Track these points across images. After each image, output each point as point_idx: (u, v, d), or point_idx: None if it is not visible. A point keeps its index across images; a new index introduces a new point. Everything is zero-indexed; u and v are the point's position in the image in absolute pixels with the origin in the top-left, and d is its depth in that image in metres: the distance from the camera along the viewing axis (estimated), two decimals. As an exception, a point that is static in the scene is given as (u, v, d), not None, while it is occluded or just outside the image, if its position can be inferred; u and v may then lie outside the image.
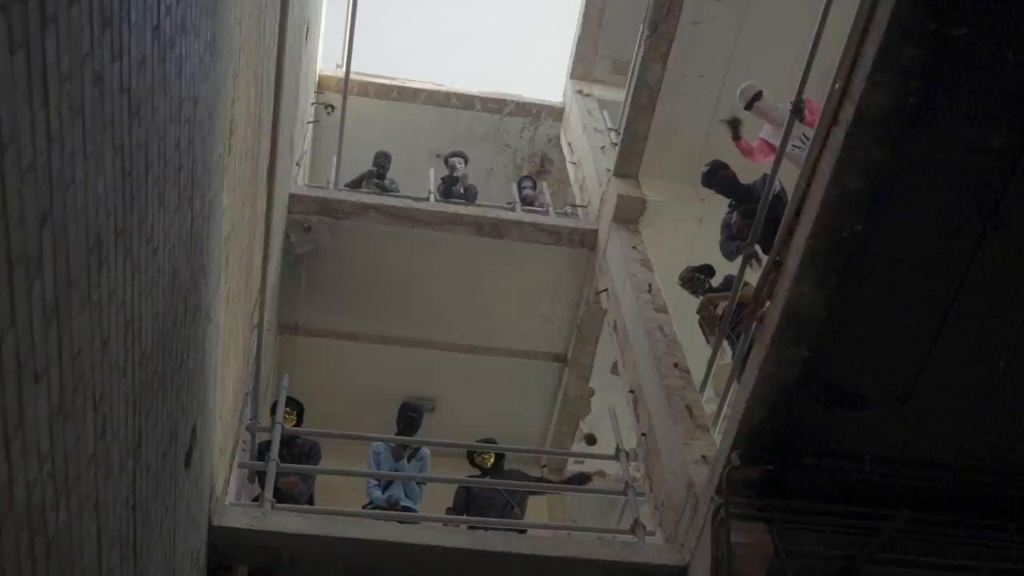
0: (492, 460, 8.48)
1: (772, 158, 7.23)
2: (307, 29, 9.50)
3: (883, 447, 5.67)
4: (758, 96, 7.66)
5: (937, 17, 4.37)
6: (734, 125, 7.69)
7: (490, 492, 8.05)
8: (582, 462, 11.63)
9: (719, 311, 7.22)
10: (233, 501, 6.63)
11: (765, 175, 7.38)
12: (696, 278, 7.74)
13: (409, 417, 8.84)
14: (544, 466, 11.64)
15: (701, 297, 7.71)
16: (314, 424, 9.76)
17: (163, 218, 3.23)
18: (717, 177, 8.10)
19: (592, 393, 11.08)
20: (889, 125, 4.61)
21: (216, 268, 4.70)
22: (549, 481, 10.20)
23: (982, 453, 5.76)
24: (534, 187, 12.49)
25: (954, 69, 4.53)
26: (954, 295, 5.16)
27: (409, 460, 8.46)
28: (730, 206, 7.86)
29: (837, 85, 4.76)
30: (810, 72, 6.10)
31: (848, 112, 4.64)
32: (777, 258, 5.30)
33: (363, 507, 8.11)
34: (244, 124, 5.23)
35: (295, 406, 8.44)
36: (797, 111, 6.21)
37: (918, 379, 5.43)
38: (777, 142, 6.87)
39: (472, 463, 8.57)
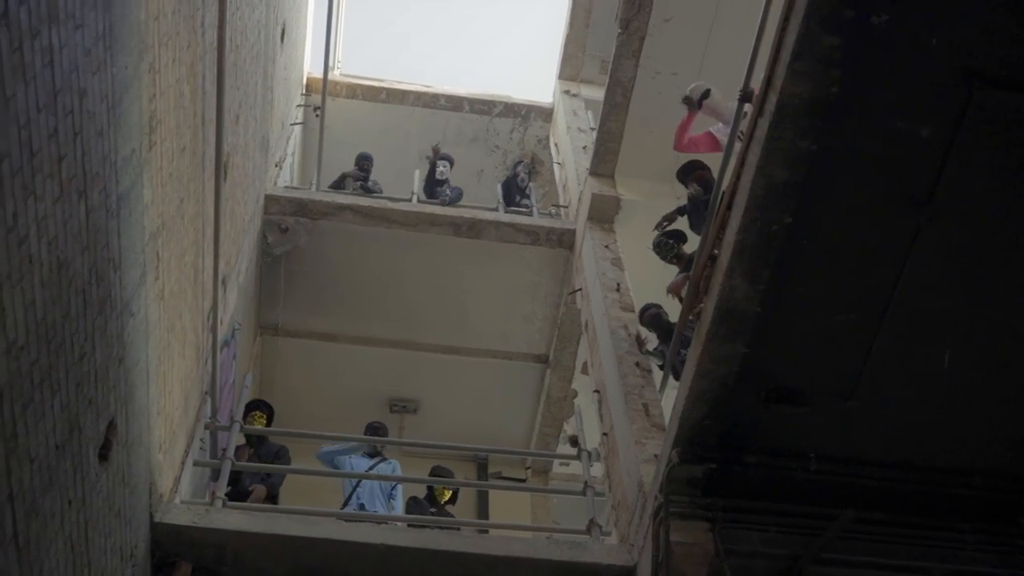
0: (448, 495, 8.31)
1: (715, 151, 7.24)
2: (283, 30, 9.51)
3: (828, 445, 5.58)
4: (706, 95, 7.61)
5: (856, 4, 4.29)
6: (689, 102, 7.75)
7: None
8: (567, 464, 11.58)
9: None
10: (187, 499, 6.63)
11: None
12: (665, 243, 7.68)
13: (374, 428, 8.83)
14: (528, 468, 11.61)
15: (673, 261, 7.67)
16: (296, 425, 9.79)
17: (34, 208, 3.23)
18: (693, 176, 8.04)
19: (575, 394, 10.99)
20: (813, 115, 4.53)
21: (138, 263, 4.70)
22: (521, 480, 10.11)
23: (930, 451, 5.65)
24: (529, 172, 12.39)
25: (877, 57, 4.44)
26: (892, 289, 5.06)
27: (378, 464, 8.41)
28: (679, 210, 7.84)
29: (763, 75, 4.71)
30: (756, 61, 5.98)
31: (772, 102, 4.57)
32: (713, 252, 5.24)
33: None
34: (176, 121, 5.23)
35: (266, 408, 8.44)
36: (745, 98, 6.12)
37: (860, 375, 5.33)
38: (726, 138, 6.82)
39: (430, 494, 8.37)
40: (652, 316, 7.94)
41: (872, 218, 4.90)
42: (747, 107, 6.19)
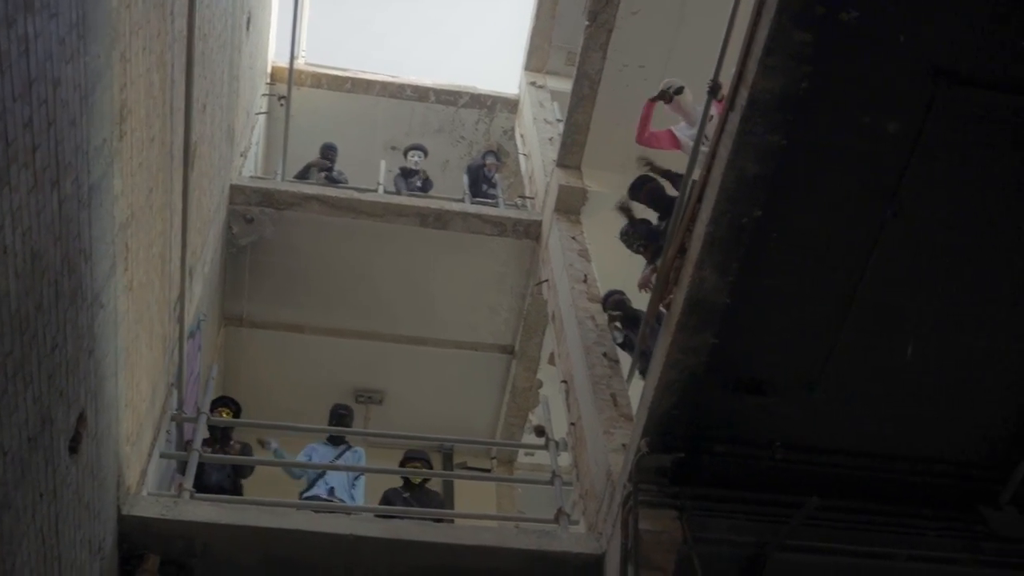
0: (419, 478, 8.28)
1: (674, 148, 7.32)
2: (248, 19, 9.43)
3: (793, 434, 5.68)
4: (679, 91, 7.66)
5: (826, 1, 4.36)
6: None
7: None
8: (532, 454, 11.63)
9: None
10: (154, 491, 6.59)
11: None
12: (632, 232, 7.72)
13: (340, 415, 8.75)
14: (494, 458, 11.64)
15: (639, 250, 7.69)
16: (261, 416, 9.74)
17: (9, 199, 3.19)
18: (643, 190, 8.04)
19: (540, 385, 11.05)
20: (784, 110, 4.60)
21: (108, 254, 4.66)
22: (486, 470, 10.13)
23: (893, 440, 5.77)
24: (498, 159, 12.29)
25: (846, 54, 4.52)
26: (857, 282, 5.15)
27: (343, 453, 8.38)
28: (659, 220, 7.85)
29: (734, 70, 4.76)
30: (725, 54, 6.02)
31: (743, 96, 4.63)
32: (683, 244, 5.30)
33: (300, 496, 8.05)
34: (146, 110, 5.19)
35: (232, 405, 8.34)
36: (713, 91, 6.16)
37: (825, 366, 5.43)
38: (688, 139, 6.89)
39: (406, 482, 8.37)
40: (616, 302, 7.99)
41: (839, 212, 4.99)
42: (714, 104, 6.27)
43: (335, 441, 8.48)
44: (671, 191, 7.88)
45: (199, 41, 6.38)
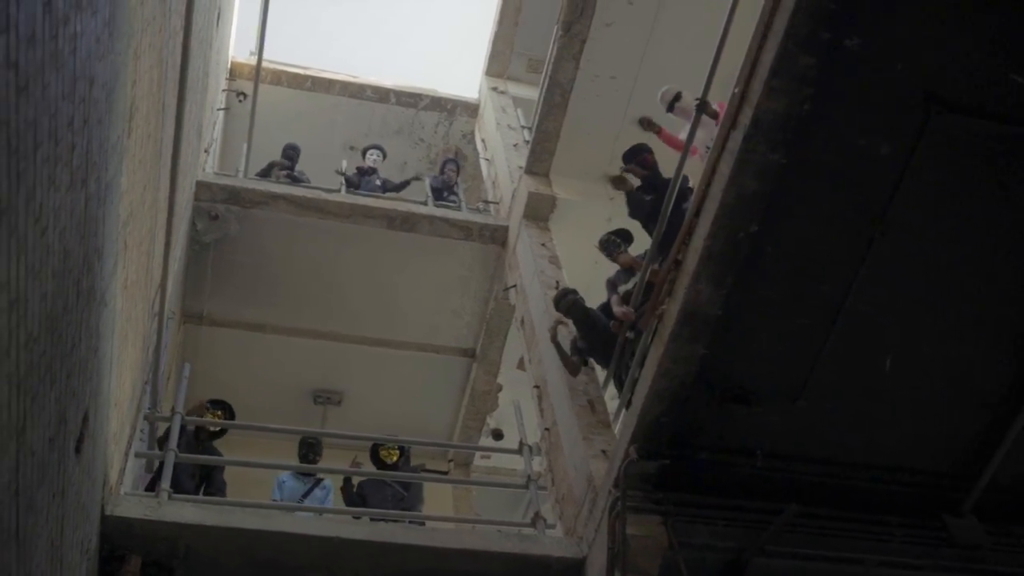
0: (396, 457, 8.35)
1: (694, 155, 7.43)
2: (219, 14, 9.33)
3: (775, 443, 5.85)
4: (678, 97, 7.83)
5: (832, 27, 4.53)
6: (645, 124, 7.94)
7: (382, 492, 7.91)
8: (489, 456, 11.72)
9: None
10: (129, 491, 6.50)
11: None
12: (612, 241, 7.73)
13: (309, 443, 8.48)
14: (451, 460, 11.67)
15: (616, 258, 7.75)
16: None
17: (53, 198, 3.17)
18: (641, 156, 8.13)
19: (500, 388, 11.14)
20: (785, 130, 4.76)
21: (113, 252, 4.62)
22: (443, 472, 10.18)
23: (866, 449, 5.98)
24: (458, 170, 12.29)
25: (847, 78, 4.70)
26: (844, 297, 5.35)
27: (312, 489, 8.21)
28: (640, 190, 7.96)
29: (737, 89, 4.91)
30: (715, 73, 6.19)
31: (747, 116, 4.78)
32: (678, 257, 5.43)
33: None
34: (146, 106, 5.14)
35: (226, 409, 8.13)
36: (702, 106, 6.32)
37: (809, 378, 5.61)
38: (699, 143, 6.99)
39: (375, 459, 8.40)
40: (572, 303, 7.70)
41: (830, 229, 5.17)
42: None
43: (305, 474, 8.28)
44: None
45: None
